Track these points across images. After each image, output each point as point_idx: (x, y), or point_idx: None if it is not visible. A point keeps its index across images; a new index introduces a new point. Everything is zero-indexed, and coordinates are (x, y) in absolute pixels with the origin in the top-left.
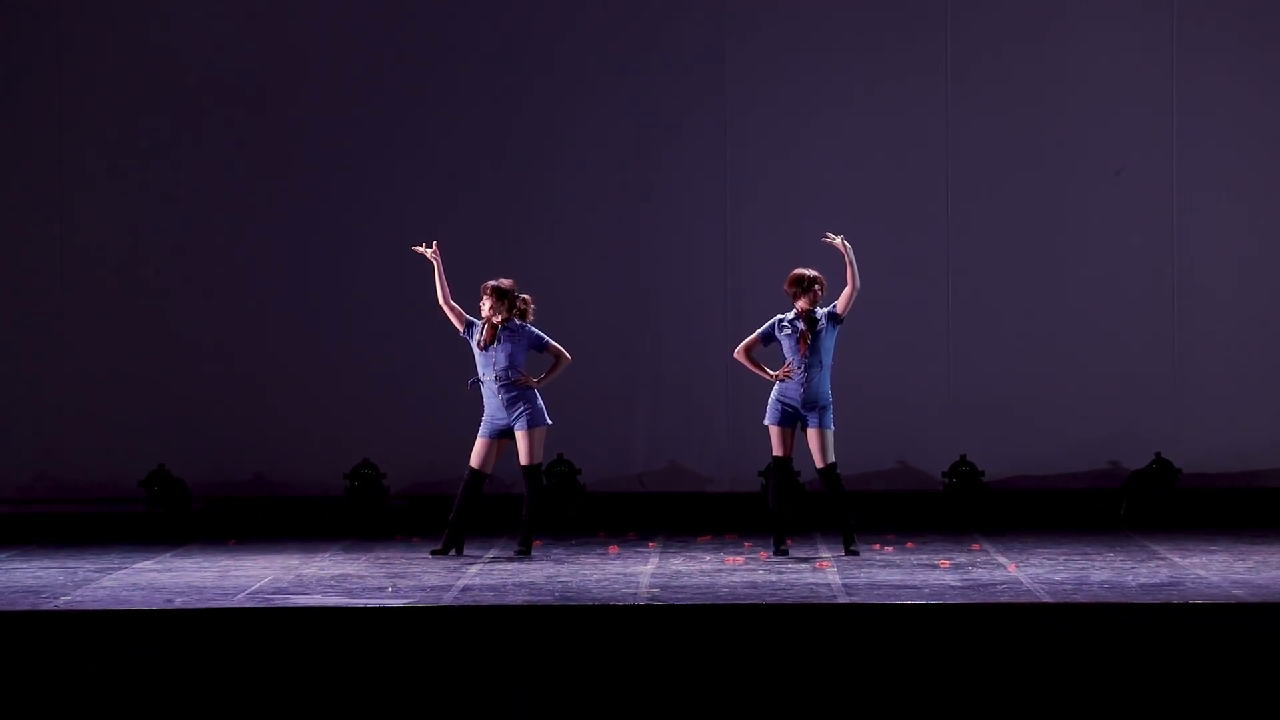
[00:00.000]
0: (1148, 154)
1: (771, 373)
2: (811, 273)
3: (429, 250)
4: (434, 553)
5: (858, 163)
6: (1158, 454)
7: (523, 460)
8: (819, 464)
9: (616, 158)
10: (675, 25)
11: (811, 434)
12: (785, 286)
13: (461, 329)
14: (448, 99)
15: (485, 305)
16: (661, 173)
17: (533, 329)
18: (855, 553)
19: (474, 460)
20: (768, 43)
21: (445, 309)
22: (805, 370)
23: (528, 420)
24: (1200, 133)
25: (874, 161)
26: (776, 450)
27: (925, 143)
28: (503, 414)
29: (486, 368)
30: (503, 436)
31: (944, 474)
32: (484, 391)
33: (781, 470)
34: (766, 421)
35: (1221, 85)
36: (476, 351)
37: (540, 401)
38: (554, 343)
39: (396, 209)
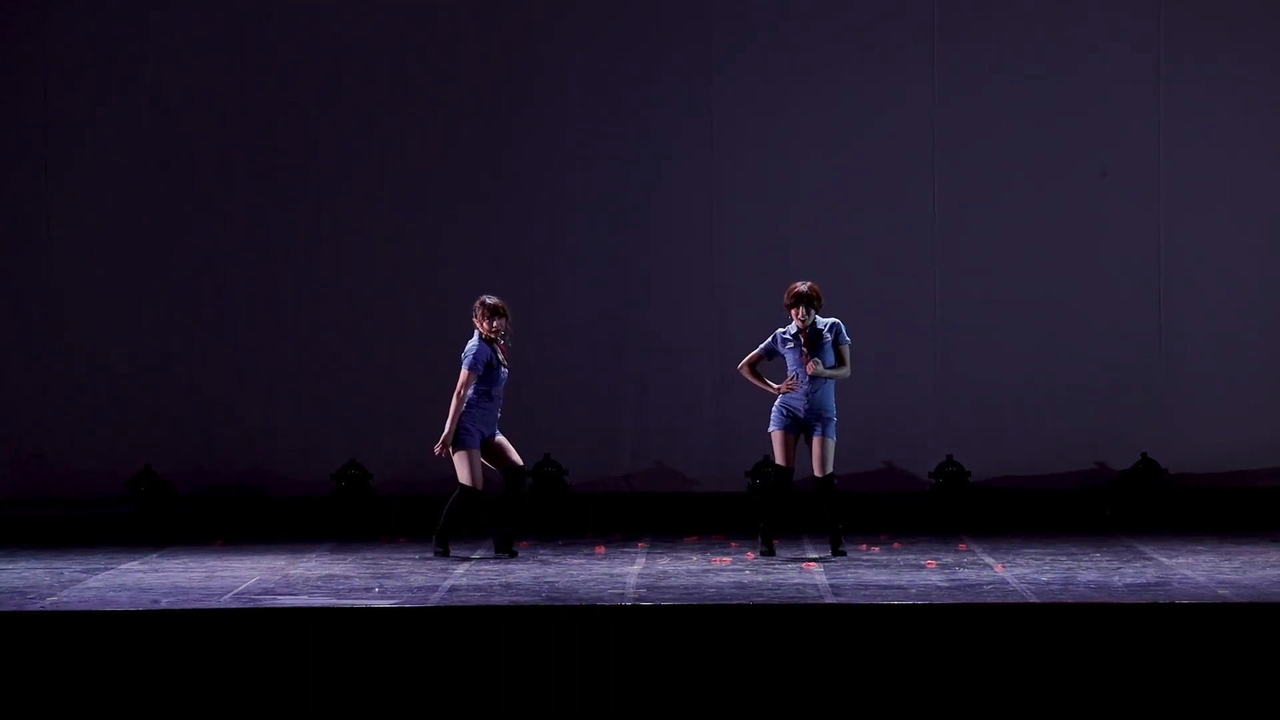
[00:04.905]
0: (1134, 154)
1: (775, 386)
2: (804, 288)
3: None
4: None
5: (843, 167)
6: (1144, 454)
7: (519, 460)
8: (818, 473)
9: (605, 163)
10: (665, 33)
11: (815, 443)
12: (784, 300)
13: (480, 369)
14: (441, 106)
15: (500, 324)
16: (649, 178)
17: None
18: (843, 553)
19: (480, 480)
20: (755, 50)
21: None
22: (809, 381)
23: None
24: (1186, 134)
25: (859, 166)
26: (780, 459)
27: (912, 147)
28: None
29: (504, 384)
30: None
31: (930, 474)
32: (492, 407)
33: (782, 481)
34: (771, 428)
35: (1207, 88)
36: (501, 370)
37: None
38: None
39: (387, 212)
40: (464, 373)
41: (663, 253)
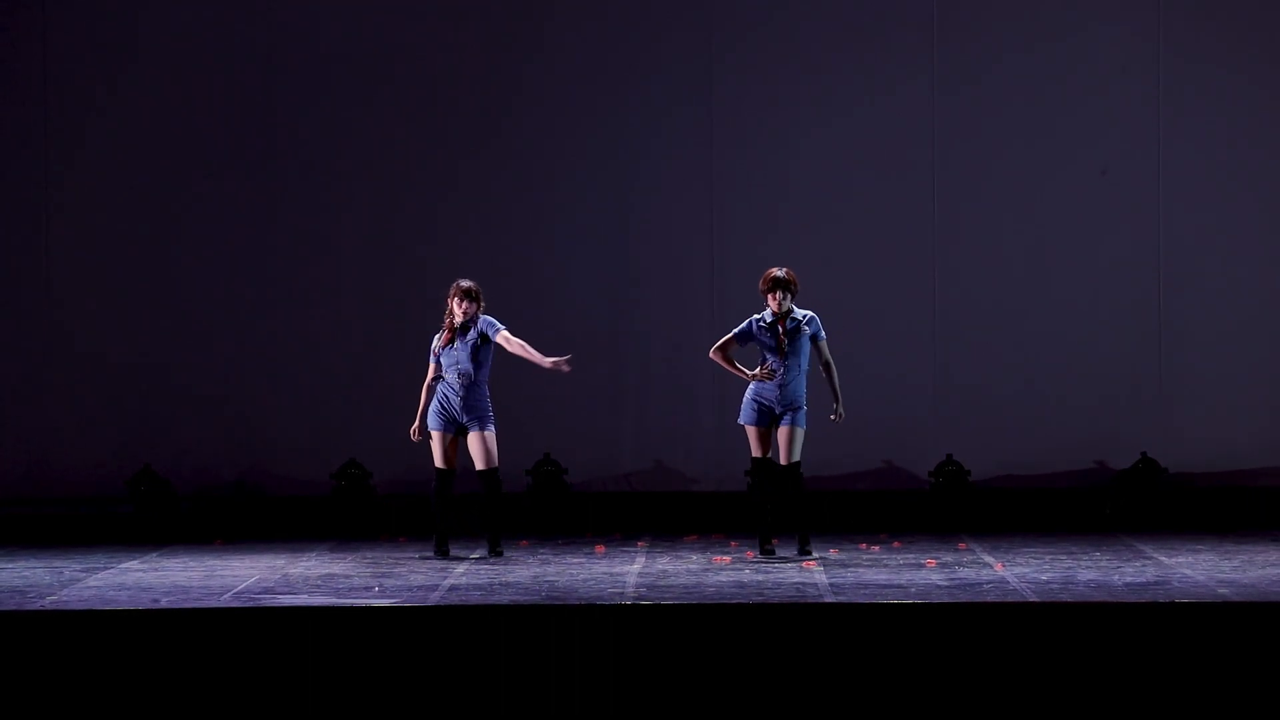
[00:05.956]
0: (1133, 153)
1: (749, 372)
2: (781, 273)
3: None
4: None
5: (843, 165)
6: (1144, 453)
7: (481, 464)
8: (784, 460)
9: (604, 160)
10: (664, 31)
11: (783, 431)
12: (759, 285)
13: (432, 359)
14: (439, 105)
15: (467, 307)
16: (648, 175)
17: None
18: (808, 553)
19: (442, 460)
20: (754, 48)
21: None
22: (784, 370)
23: (490, 421)
24: (1185, 132)
25: (859, 164)
26: (755, 451)
27: (911, 145)
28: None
29: (454, 369)
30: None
31: (930, 473)
32: (443, 391)
33: (761, 471)
34: (742, 421)
35: (1207, 87)
36: (439, 358)
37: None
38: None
39: (385, 210)
40: None
41: (662, 250)
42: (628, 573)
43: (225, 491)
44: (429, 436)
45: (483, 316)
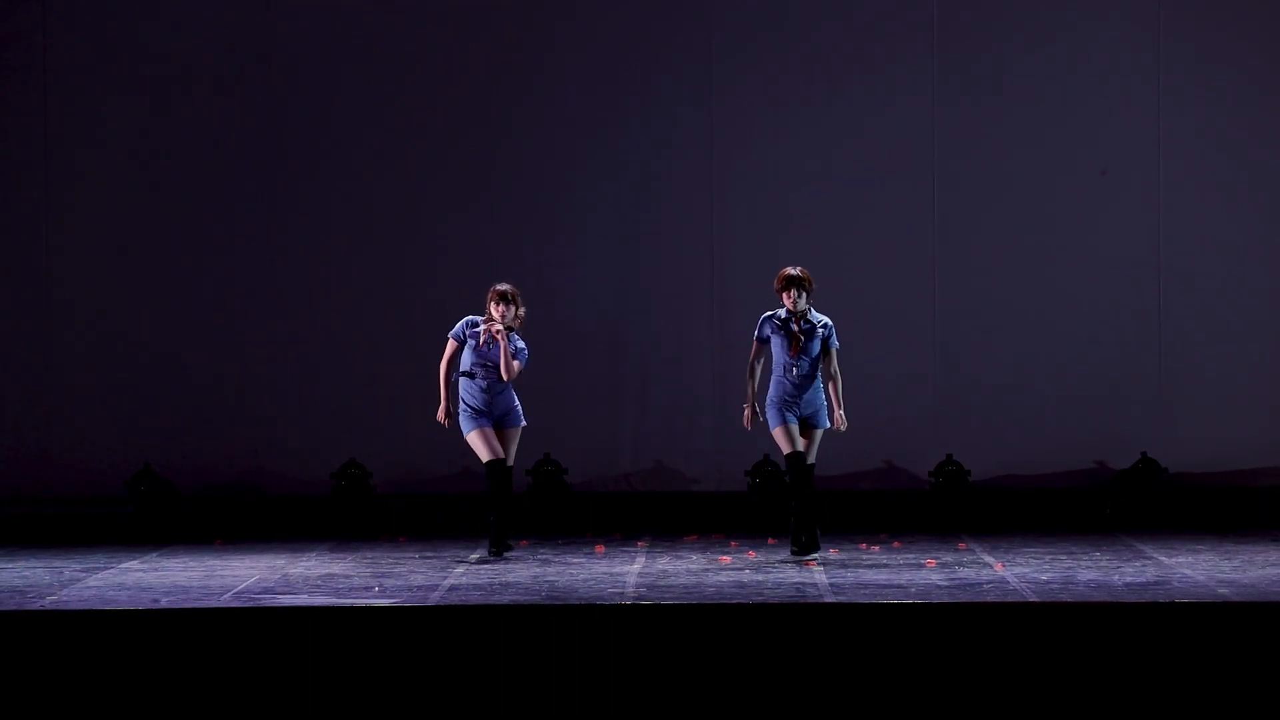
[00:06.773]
0: (1133, 153)
1: (746, 409)
2: (795, 271)
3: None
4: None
5: (843, 166)
6: (1144, 453)
7: (508, 459)
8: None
9: (605, 161)
10: (665, 34)
11: (810, 433)
12: (774, 284)
13: (455, 340)
14: (441, 106)
15: (501, 310)
16: (649, 175)
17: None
18: (799, 551)
19: (486, 453)
20: (754, 49)
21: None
22: (796, 370)
23: (523, 417)
24: (1185, 132)
25: (859, 164)
26: (790, 448)
27: (911, 145)
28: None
29: (487, 365)
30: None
31: (930, 473)
32: (471, 386)
33: (801, 467)
34: (772, 425)
35: (1207, 86)
36: (470, 353)
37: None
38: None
39: (387, 212)
40: None
41: (662, 252)
42: (628, 573)
43: (226, 491)
44: (465, 432)
45: (518, 337)
